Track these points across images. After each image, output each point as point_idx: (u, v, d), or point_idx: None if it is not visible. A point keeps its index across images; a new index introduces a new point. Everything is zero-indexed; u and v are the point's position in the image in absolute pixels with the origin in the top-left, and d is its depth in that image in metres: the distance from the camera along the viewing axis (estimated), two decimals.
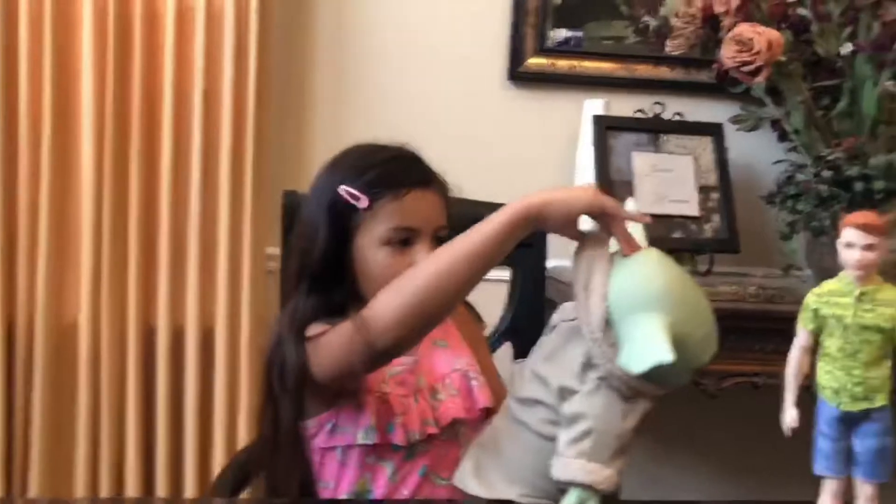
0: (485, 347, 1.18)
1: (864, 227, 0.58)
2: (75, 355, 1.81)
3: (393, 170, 1.03)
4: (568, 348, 0.85)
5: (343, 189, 1.01)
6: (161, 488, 1.83)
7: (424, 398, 1.04)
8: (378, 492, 1.02)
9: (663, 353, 0.73)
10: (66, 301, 1.83)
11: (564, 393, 0.83)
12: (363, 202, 1.00)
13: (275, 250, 1.62)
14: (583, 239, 0.88)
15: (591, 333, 0.81)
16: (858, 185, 1.63)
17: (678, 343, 0.75)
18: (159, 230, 1.82)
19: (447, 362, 1.08)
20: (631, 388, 0.81)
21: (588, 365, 0.82)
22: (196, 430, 1.84)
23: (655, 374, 0.77)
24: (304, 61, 1.95)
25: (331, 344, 0.95)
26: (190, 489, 1.83)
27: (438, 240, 1.04)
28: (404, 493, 1.02)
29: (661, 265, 0.83)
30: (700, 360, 0.81)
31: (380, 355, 0.92)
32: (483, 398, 1.06)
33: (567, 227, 0.88)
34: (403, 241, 1.01)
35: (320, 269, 1.01)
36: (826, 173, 1.66)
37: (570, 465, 0.80)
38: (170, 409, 1.84)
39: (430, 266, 0.90)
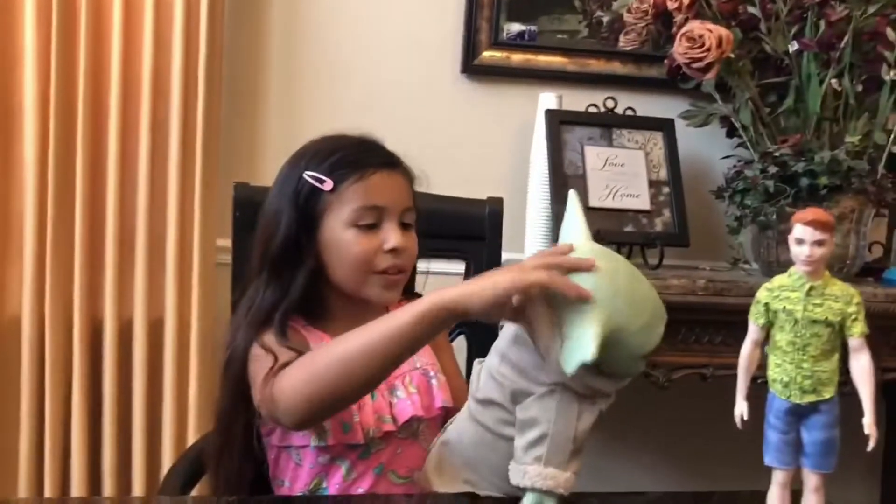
0: (448, 349, 1.18)
1: (814, 224, 0.59)
2: (18, 350, 1.76)
3: (357, 152, 1.03)
4: (522, 351, 0.83)
5: (307, 174, 1.00)
6: (108, 485, 1.80)
7: (382, 395, 1.03)
8: (333, 490, 1.01)
9: (586, 353, 0.72)
10: (7, 294, 1.77)
11: (518, 396, 0.82)
12: (327, 185, 1.00)
13: (225, 242, 1.59)
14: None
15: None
16: (804, 181, 1.67)
17: (618, 335, 0.75)
18: (106, 221, 1.77)
19: (407, 361, 1.07)
20: (587, 388, 0.81)
21: (539, 367, 0.81)
22: (144, 424, 1.80)
23: (606, 367, 0.77)
24: (255, 51, 1.92)
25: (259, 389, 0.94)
26: (138, 485, 1.80)
27: (405, 226, 1.03)
28: (359, 490, 1.01)
29: (597, 260, 0.80)
30: (644, 348, 0.80)
31: (289, 427, 0.92)
32: (442, 397, 1.06)
33: (498, 313, 0.81)
34: (370, 224, 1.01)
35: (281, 255, 0.99)
36: (773, 169, 1.69)
37: (528, 471, 0.80)
38: (117, 404, 1.80)
39: (340, 347, 0.88)
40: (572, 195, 0.90)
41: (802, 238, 0.60)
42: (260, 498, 0.91)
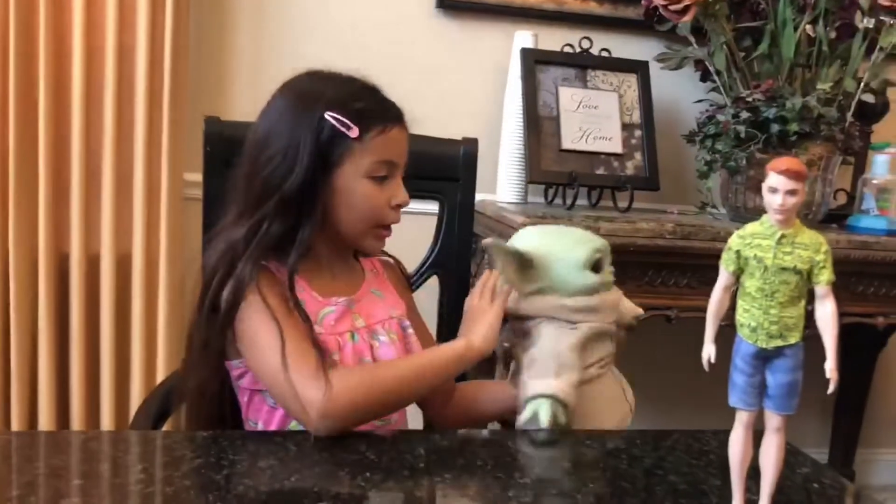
0: (417, 314, 1.19)
1: (788, 173, 0.60)
2: None
3: (380, 103, 1.02)
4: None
5: (330, 115, 0.97)
6: (77, 419, 1.80)
7: (363, 337, 1.04)
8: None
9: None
10: None
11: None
12: (354, 131, 0.97)
13: (195, 176, 1.57)
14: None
15: None
16: (774, 127, 1.68)
17: (547, 257, 1.05)
18: (71, 154, 1.74)
19: (384, 310, 1.08)
20: (561, 311, 1.03)
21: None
22: (113, 360, 1.80)
23: (555, 287, 1.05)
24: None
25: (276, 376, 0.92)
26: (107, 420, 1.81)
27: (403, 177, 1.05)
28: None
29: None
30: (577, 259, 1.05)
31: (316, 429, 0.89)
32: (417, 348, 1.09)
33: None
34: (382, 176, 1.01)
35: (298, 194, 0.97)
36: (744, 114, 1.70)
37: (526, 385, 0.98)
38: (85, 339, 1.79)
39: (397, 372, 0.97)
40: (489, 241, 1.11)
41: (776, 187, 0.60)
42: (234, 432, 0.92)
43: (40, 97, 1.70)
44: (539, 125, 1.85)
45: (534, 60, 1.87)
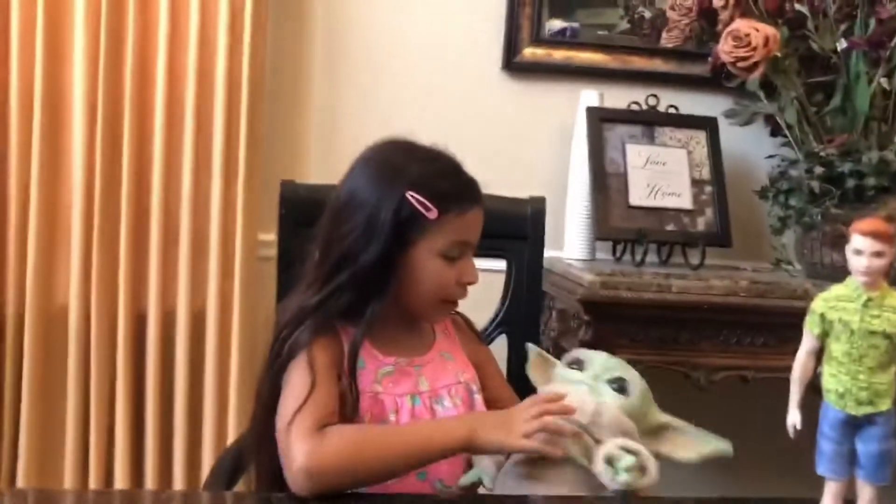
0: (494, 364, 1.19)
1: (873, 235, 0.58)
2: (65, 341, 1.79)
3: (461, 186, 1.04)
4: None
5: (412, 195, 0.99)
6: (150, 477, 1.83)
7: (424, 402, 1.04)
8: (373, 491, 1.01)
9: None
10: (55, 286, 1.81)
11: None
12: (433, 213, 0.99)
13: (269, 237, 1.61)
14: None
15: None
16: (850, 182, 1.64)
17: None
18: (150, 215, 1.80)
19: (452, 373, 1.08)
20: None
21: None
22: (186, 418, 1.83)
23: None
24: (298, 50, 1.93)
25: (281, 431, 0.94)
26: (179, 479, 1.83)
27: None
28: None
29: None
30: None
31: (293, 485, 0.90)
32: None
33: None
34: (456, 256, 1.03)
35: (372, 268, 0.99)
36: (818, 169, 1.67)
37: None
38: (160, 396, 1.83)
39: (389, 440, 0.94)
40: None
41: (861, 249, 0.59)
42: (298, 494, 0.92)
43: (123, 162, 1.77)
44: (606, 182, 1.84)
45: (599, 119, 1.88)
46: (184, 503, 0.85)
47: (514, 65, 1.95)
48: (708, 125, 1.94)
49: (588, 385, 0.99)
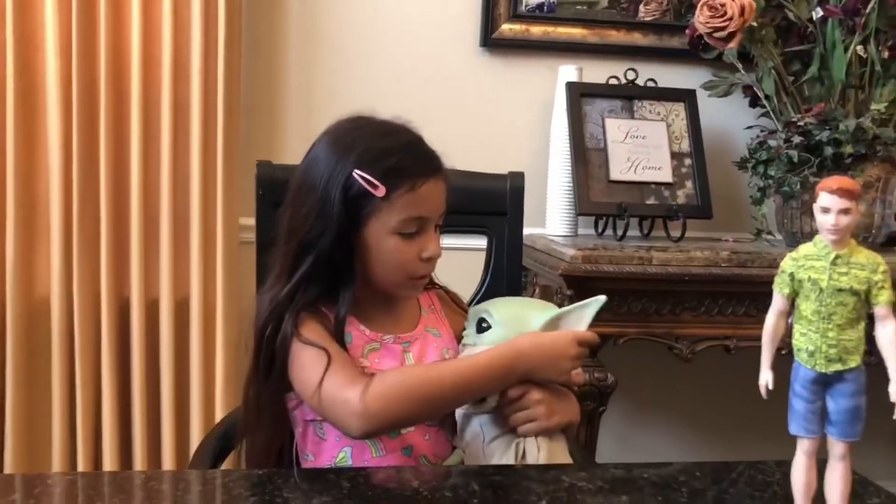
0: None
1: (839, 192, 0.59)
2: (48, 332, 1.79)
3: (409, 160, 1.01)
4: None
5: (358, 174, 0.97)
6: (139, 460, 1.83)
7: None
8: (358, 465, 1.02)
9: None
10: (36, 276, 1.80)
11: None
12: (380, 191, 0.97)
13: (249, 220, 1.61)
14: None
15: None
16: (828, 150, 1.65)
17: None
18: (130, 203, 1.79)
19: (438, 351, 1.08)
20: None
21: None
22: (172, 401, 1.83)
23: None
24: (274, 30, 1.92)
25: (312, 388, 0.95)
26: (168, 460, 1.83)
27: (438, 225, 1.04)
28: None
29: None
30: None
31: (354, 434, 0.93)
32: None
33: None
34: (412, 232, 1.01)
35: (332, 252, 0.99)
36: (796, 139, 1.68)
37: None
38: (146, 382, 1.83)
39: (433, 374, 0.96)
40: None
41: (828, 206, 0.59)
42: (288, 470, 0.93)
43: (101, 150, 1.76)
44: (587, 157, 1.85)
45: (579, 94, 1.87)
46: (171, 482, 0.85)
47: (491, 41, 1.95)
48: (687, 98, 1.94)
49: (468, 343, 1.05)
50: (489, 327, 1.03)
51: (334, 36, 1.92)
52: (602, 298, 1.01)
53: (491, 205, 1.32)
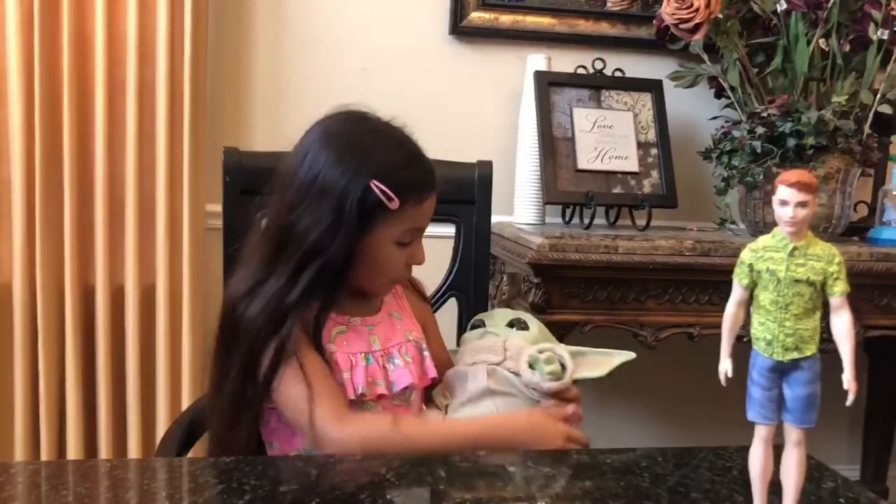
0: (435, 326, 1.23)
1: (798, 186, 0.60)
2: (10, 317, 1.77)
3: (421, 175, 1.03)
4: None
5: (376, 185, 0.98)
6: (104, 449, 1.82)
7: (377, 360, 1.05)
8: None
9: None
10: None
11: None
12: (395, 204, 0.99)
13: (216, 207, 1.59)
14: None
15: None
16: (790, 141, 1.67)
17: None
18: (95, 188, 1.77)
19: (402, 332, 1.10)
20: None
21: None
22: (138, 389, 1.82)
23: None
24: (241, 16, 1.90)
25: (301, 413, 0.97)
26: (133, 449, 1.82)
27: None
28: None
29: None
30: None
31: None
32: (432, 369, 1.11)
33: None
34: (408, 241, 1.05)
35: (339, 258, 0.99)
36: (760, 130, 1.70)
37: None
38: (111, 370, 1.81)
39: (422, 441, 0.97)
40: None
41: (786, 199, 0.61)
42: (255, 458, 0.93)
43: (64, 134, 1.74)
44: (554, 146, 1.86)
45: (547, 83, 1.88)
46: (137, 470, 0.84)
47: (460, 29, 1.95)
48: (653, 88, 1.96)
49: (492, 332, 1.12)
50: (526, 327, 1.11)
51: (302, 22, 1.91)
52: (632, 355, 1.07)
53: (459, 193, 1.33)
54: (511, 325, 1.12)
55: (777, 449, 0.66)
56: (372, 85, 1.90)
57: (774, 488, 0.66)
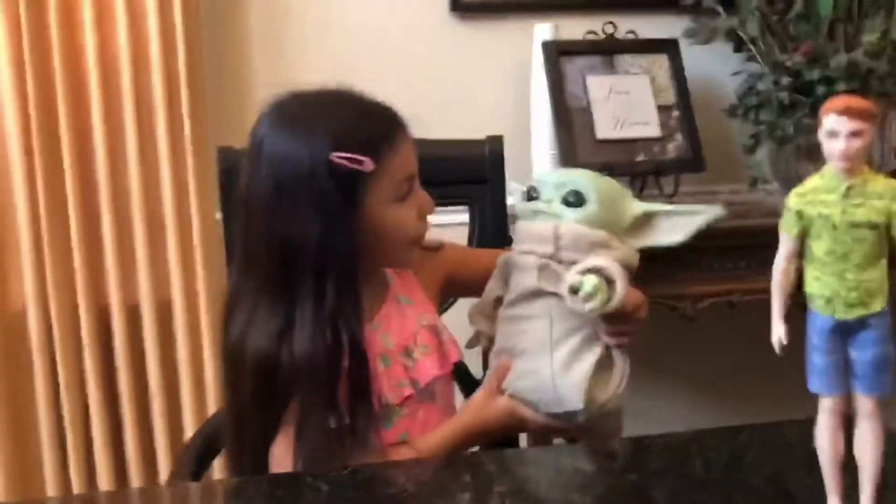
0: (464, 253, 1.14)
1: (849, 112, 0.51)
2: (27, 345, 1.73)
3: (379, 122, 0.93)
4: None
5: (338, 157, 0.88)
6: (134, 469, 1.78)
7: (396, 360, 0.96)
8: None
9: None
10: (8, 290, 1.73)
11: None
12: (368, 165, 0.88)
13: None
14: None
15: None
16: (820, 90, 1.59)
17: None
18: (100, 206, 1.72)
19: (414, 319, 1.00)
20: None
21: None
22: (163, 407, 1.77)
23: None
24: (235, 6, 1.83)
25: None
26: (164, 468, 1.78)
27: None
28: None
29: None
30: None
31: None
32: (454, 352, 1.02)
33: None
34: (407, 194, 0.94)
35: (352, 249, 0.89)
36: (786, 80, 1.61)
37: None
38: (133, 391, 1.77)
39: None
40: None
41: (836, 130, 0.52)
42: (259, 478, 0.86)
43: (63, 153, 1.68)
44: (570, 118, 1.77)
45: (557, 52, 1.80)
46: (171, 498, 0.78)
47: (461, 5, 1.87)
48: (669, 48, 1.86)
49: (543, 211, 0.96)
50: (582, 203, 0.93)
51: (299, 7, 1.84)
52: (719, 212, 0.92)
53: (470, 172, 1.25)
54: (566, 201, 0.94)
55: (848, 421, 0.57)
56: (373, 66, 1.82)
57: (849, 468, 0.58)
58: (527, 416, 0.95)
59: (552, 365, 0.92)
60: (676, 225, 0.92)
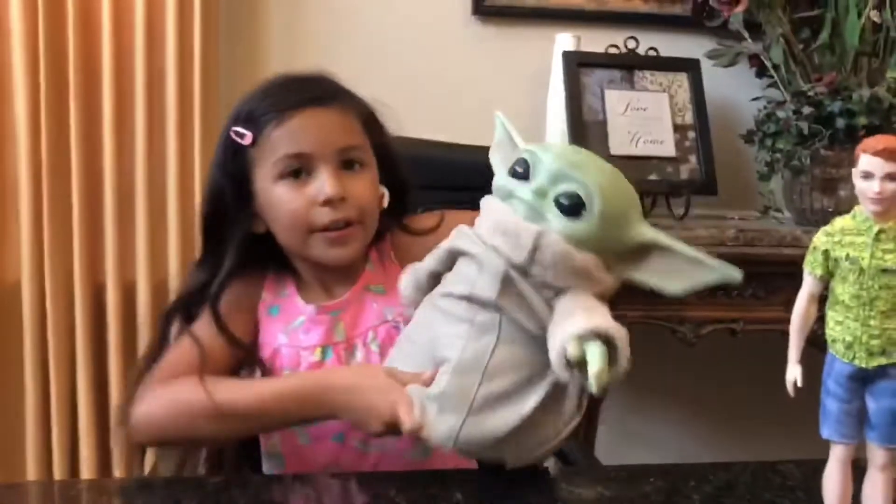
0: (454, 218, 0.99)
1: (885, 154, 0.49)
2: (19, 316, 1.70)
3: (271, 97, 0.91)
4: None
5: (232, 130, 0.91)
6: (117, 451, 1.75)
7: (338, 353, 0.91)
8: (289, 458, 0.93)
9: None
10: (5, 260, 1.72)
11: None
12: (247, 138, 0.89)
13: None
14: None
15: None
16: (840, 122, 1.57)
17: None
18: (104, 182, 1.71)
19: (377, 313, 0.93)
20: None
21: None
22: None
23: None
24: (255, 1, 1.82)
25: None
26: (149, 458, 1.75)
27: (349, 167, 0.91)
28: (319, 461, 0.91)
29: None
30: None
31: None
32: None
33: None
34: (298, 171, 0.89)
35: (212, 224, 0.93)
36: (806, 110, 1.59)
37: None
38: (123, 368, 1.74)
39: (205, 396, 0.83)
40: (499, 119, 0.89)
41: (870, 171, 0.50)
42: (244, 476, 0.85)
43: (71, 128, 1.67)
44: (585, 131, 1.75)
45: (577, 63, 1.78)
46: (165, 488, 0.76)
47: (484, 9, 1.85)
48: (690, 67, 1.84)
49: (528, 203, 0.74)
50: (579, 211, 0.72)
51: (319, 7, 1.82)
52: (734, 275, 0.74)
53: (482, 179, 1.23)
54: (559, 204, 0.72)
55: (858, 472, 0.55)
56: (392, 69, 1.80)
57: None
58: (404, 419, 0.75)
59: (474, 395, 0.73)
60: (681, 271, 0.75)
